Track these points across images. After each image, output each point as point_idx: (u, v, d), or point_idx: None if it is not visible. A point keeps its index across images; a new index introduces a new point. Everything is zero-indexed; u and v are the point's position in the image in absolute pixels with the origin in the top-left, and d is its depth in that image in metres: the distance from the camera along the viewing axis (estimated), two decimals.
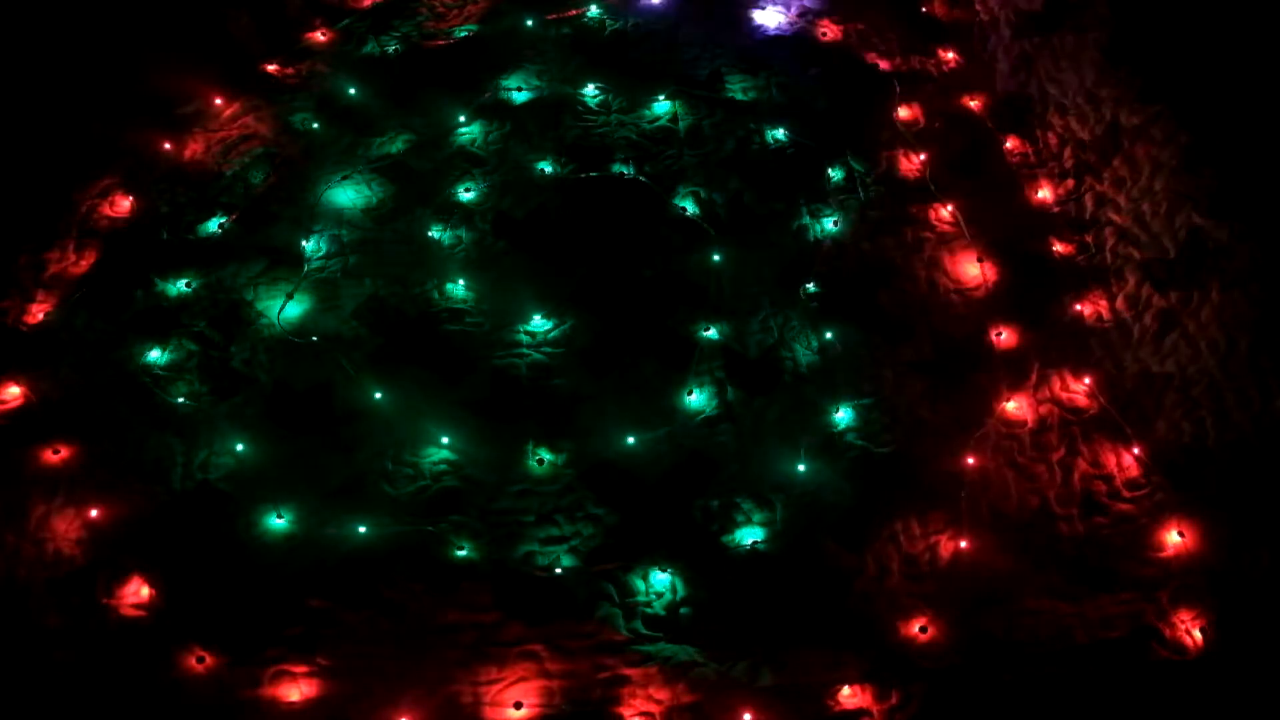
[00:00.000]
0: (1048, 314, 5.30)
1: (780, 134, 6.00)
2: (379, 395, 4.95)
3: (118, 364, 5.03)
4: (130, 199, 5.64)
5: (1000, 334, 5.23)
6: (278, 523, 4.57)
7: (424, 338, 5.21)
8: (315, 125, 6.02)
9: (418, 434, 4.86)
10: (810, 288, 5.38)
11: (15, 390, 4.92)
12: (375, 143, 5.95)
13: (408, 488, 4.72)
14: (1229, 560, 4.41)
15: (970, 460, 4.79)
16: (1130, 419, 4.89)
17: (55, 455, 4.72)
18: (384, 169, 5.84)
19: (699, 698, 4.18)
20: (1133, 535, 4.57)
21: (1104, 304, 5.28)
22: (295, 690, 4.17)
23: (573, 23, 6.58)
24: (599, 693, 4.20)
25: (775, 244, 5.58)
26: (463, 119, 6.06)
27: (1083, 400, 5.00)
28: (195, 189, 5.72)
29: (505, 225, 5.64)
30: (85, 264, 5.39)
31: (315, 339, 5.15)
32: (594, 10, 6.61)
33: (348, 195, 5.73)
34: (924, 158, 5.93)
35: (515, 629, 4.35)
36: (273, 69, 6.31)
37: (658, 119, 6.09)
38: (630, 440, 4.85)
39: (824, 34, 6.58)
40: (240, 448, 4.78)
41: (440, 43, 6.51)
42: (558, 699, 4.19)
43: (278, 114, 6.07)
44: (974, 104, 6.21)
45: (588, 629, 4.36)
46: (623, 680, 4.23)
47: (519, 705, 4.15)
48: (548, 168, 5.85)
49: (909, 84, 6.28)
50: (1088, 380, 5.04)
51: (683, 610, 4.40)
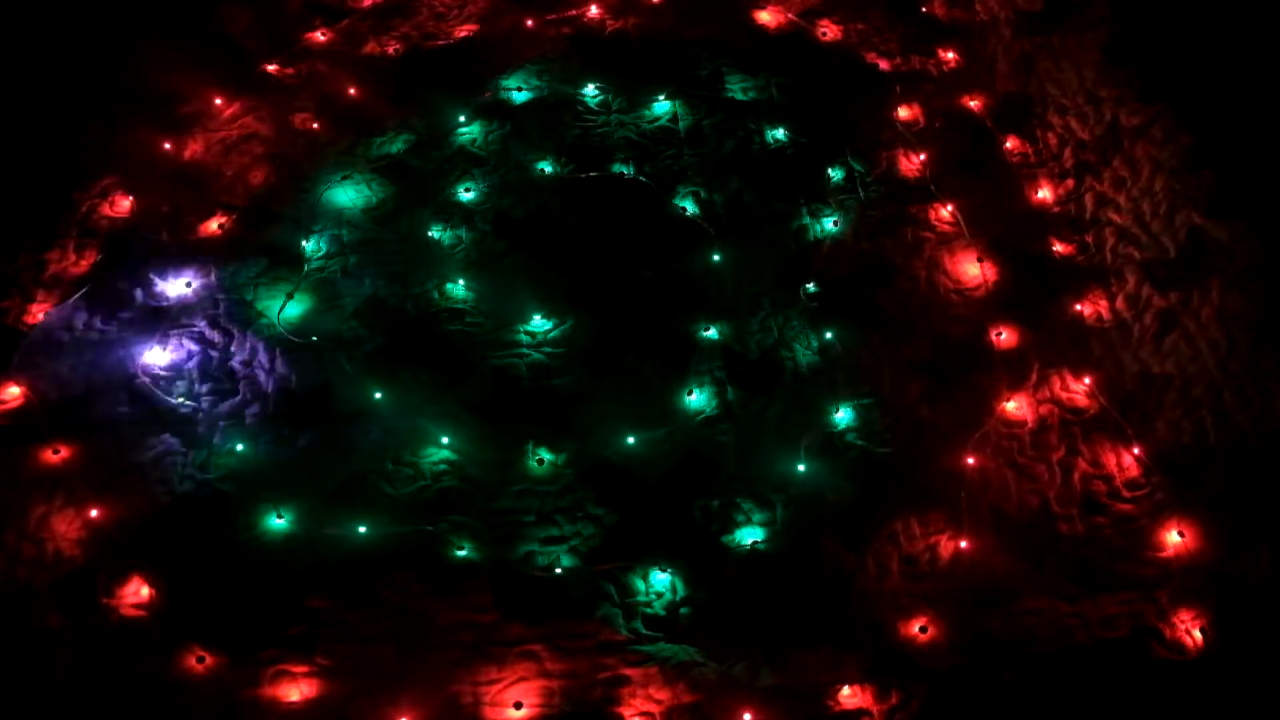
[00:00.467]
0: (1048, 314, 5.30)
1: (780, 134, 6.00)
2: (379, 395, 4.95)
3: (118, 364, 5.04)
4: (130, 199, 5.64)
5: (1000, 334, 5.23)
6: (278, 523, 4.57)
7: (424, 338, 5.21)
8: (315, 125, 6.03)
9: (418, 434, 4.85)
10: (810, 288, 5.38)
11: (15, 390, 4.92)
12: (375, 143, 5.96)
13: (408, 488, 4.72)
14: (1229, 560, 4.41)
15: (970, 460, 4.79)
16: (1130, 419, 4.89)
17: (55, 455, 4.72)
18: (384, 169, 5.84)
19: (699, 698, 4.17)
20: (1133, 535, 4.57)
21: (1104, 304, 5.28)
22: (295, 690, 4.17)
23: (573, 23, 6.59)
24: (599, 693, 4.20)
25: (775, 244, 5.58)
26: (463, 119, 6.06)
27: (1083, 400, 5.00)
28: (195, 189, 5.72)
29: (505, 225, 5.64)
30: (85, 264, 5.39)
31: (315, 339, 5.16)
32: (594, 10, 6.62)
33: (348, 195, 5.73)
34: (924, 158, 5.93)
35: (515, 629, 4.35)
36: (273, 69, 6.32)
37: (658, 119, 6.09)
38: (630, 440, 4.85)
39: (824, 34, 6.59)
40: (240, 448, 4.78)
41: (440, 43, 6.51)
42: (558, 699, 4.19)
43: (278, 114, 6.07)
44: (974, 104, 6.21)
45: (588, 629, 4.36)
46: (623, 680, 4.23)
47: (519, 705, 4.15)
48: (548, 168, 5.85)
49: (909, 84, 6.29)
50: (1088, 380, 5.04)
51: (683, 610, 4.40)
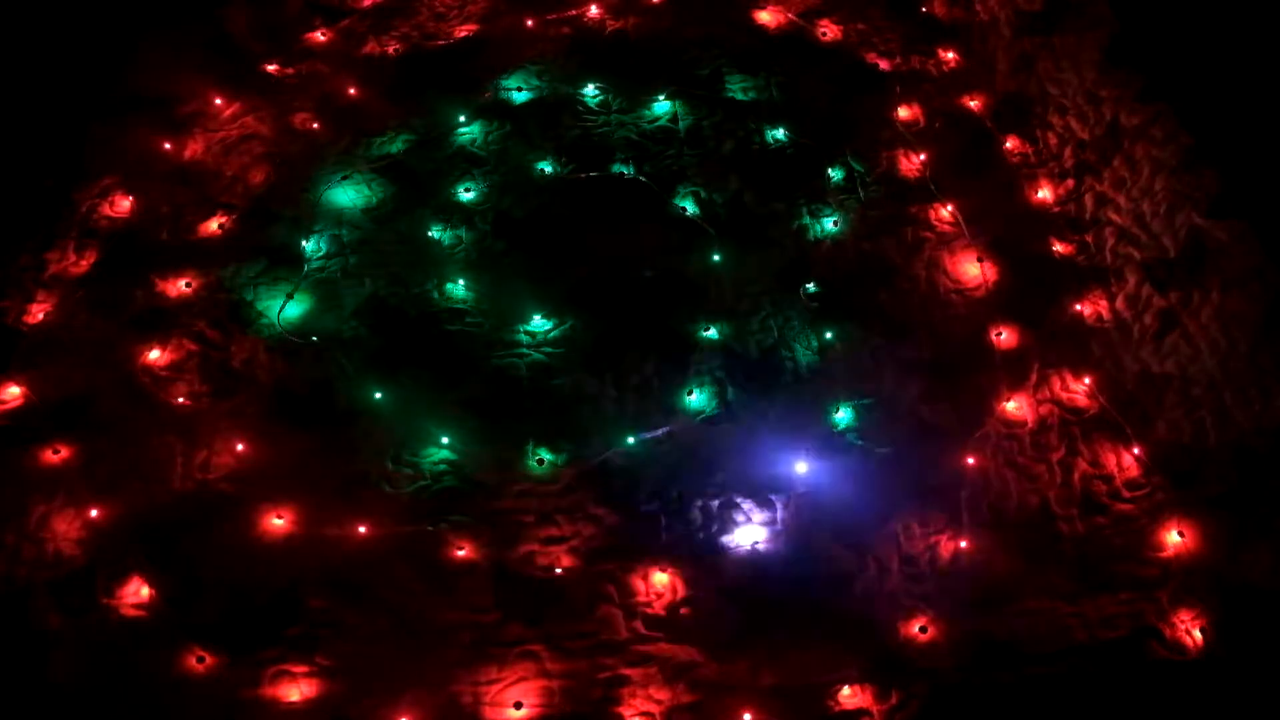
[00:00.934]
0: (1048, 314, 5.30)
1: (780, 134, 6.00)
2: (379, 395, 4.95)
3: (118, 364, 5.03)
4: (130, 199, 5.64)
5: (1000, 334, 5.23)
6: (277, 522, 4.57)
7: (424, 338, 5.21)
8: (315, 125, 6.03)
9: (418, 434, 4.86)
10: (810, 288, 5.38)
11: (15, 390, 4.92)
12: (375, 143, 5.96)
13: (408, 488, 4.72)
14: (1229, 560, 4.41)
15: (970, 460, 4.78)
16: (1130, 419, 4.88)
17: (55, 455, 4.72)
18: (384, 169, 5.84)
19: (699, 698, 4.17)
20: (1133, 535, 4.57)
21: (1104, 304, 5.28)
22: (295, 690, 4.17)
23: (573, 23, 6.59)
24: (599, 693, 4.20)
25: (775, 244, 5.58)
26: (463, 119, 6.06)
27: (1083, 400, 5.00)
28: (195, 189, 5.72)
29: (505, 225, 5.64)
30: (85, 264, 5.39)
31: (315, 339, 5.15)
32: (594, 10, 6.62)
33: (348, 195, 5.73)
34: (924, 158, 5.93)
35: (515, 629, 4.35)
36: (273, 69, 6.32)
37: (658, 119, 6.09)
38: (630, 440, 4.85)
39: (824, 34, 6.59)
40: (240, 448, 4.78)
41: (440, 43, 6.51)
42: (558, 699, 4.19)
43: (278, 114, 6.07)
44: (974, 104, 6.21)
45: (588, 629, 4.36)
46: (623, 680, 4.22)
47: (519, 705, 4.14)
48: (548, 168, 5.85)
49: (909, 84, 6.29)
50: (1088, 380, 5.04)
51: (683, 610, 4.40)
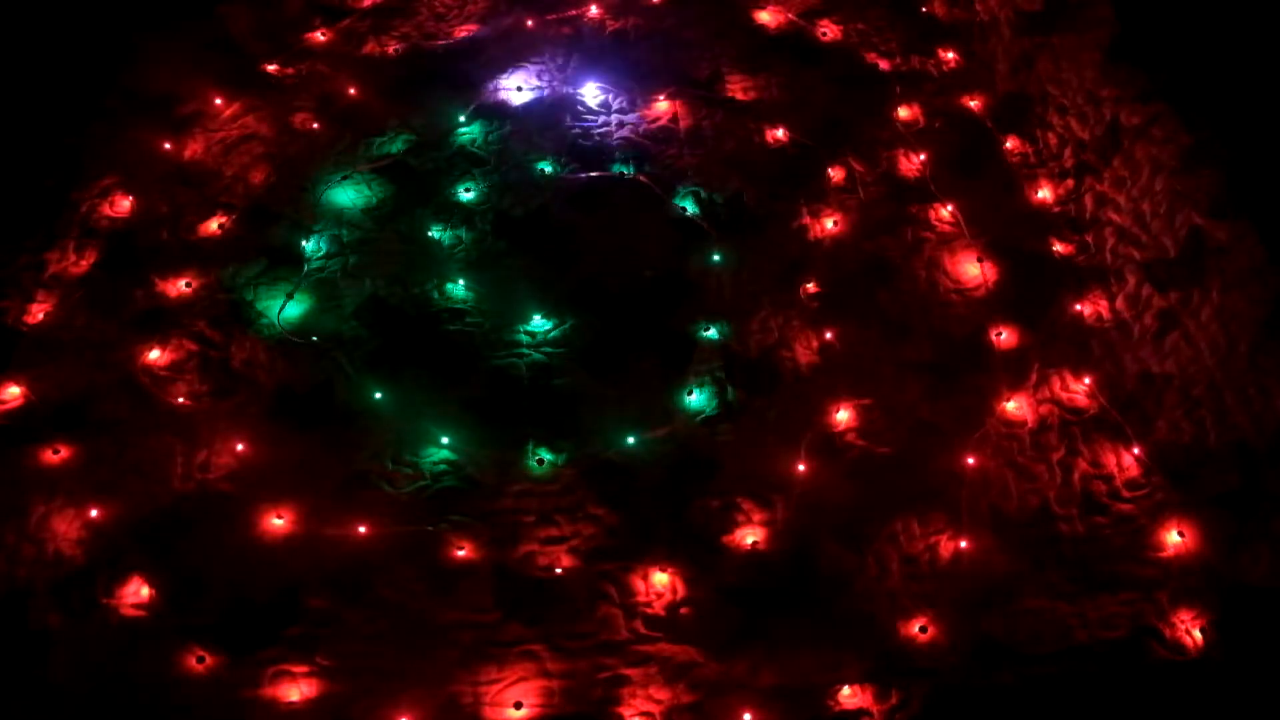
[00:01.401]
0: (1048, 314, 5.30)
1: (780, 134, 6.00)
2: (379, 395, 4.95)
3: (118, 364, 5.03)
4: (130, 199, 5.64)
5: (1000, 334, 5.23)
6: (277, 522, 4.57)
7: (424, 338, 5.21)
8: (315, 125, 6.03)
9: (418, 434, 4.86)
10: (810, 288, 5.38)
11: (15, 390, 4.92)
12: (375, 143, 5.96)
13: (408, 488, 4.72)
14: (1229, 560, 4.41)
15: (970, 460, 4.78)
16: (1130, 419, 4.88)
17: (55, 455, 4.72)
18: (384, 169, 5.84)
19: (699, 698, 4.17)
20: (1133, 535, 4.57)
21: (1104, 304, 5.28)
22: (295, 690, 4.17)
23: (573, 23, 6.59)
24: (599, 693, 4.20)
25: (775, 244, 5.58)
26: (463, 119, 6.06)
27: (1083, 400, 5.00)
28: (195, 189, 5.72)
29: (505, 225, 5.64)
30: (85, 264, 5.39)
31: (315, 339, 5.15)
32: (594, 10, 6.61)
33: (348, 195, 5.73)
34: (924, 158, 5.93)
35: (515, 629, 4.35)
36: (273, 69, 6.31)
37: (658, 119, 6.09)
38: (630, 440, 4.85)
39: (824, 34, 6.59)
40: (240, 448, 4.78)
41: (440, 43, 6.51)
42: (558, 699, 4.19)
43: (278, 114, 6.07)
44: (974, 104, 6.21)
45: (588, 629, 4.36)
46: (623, 680, 4.23)
47: (519, 705, 4.14)
48: (548, 168, 5.85)
49: (909, 84, 6.29)
50: (1088, 380, 5.04)
51: (683, 610, 4.40)
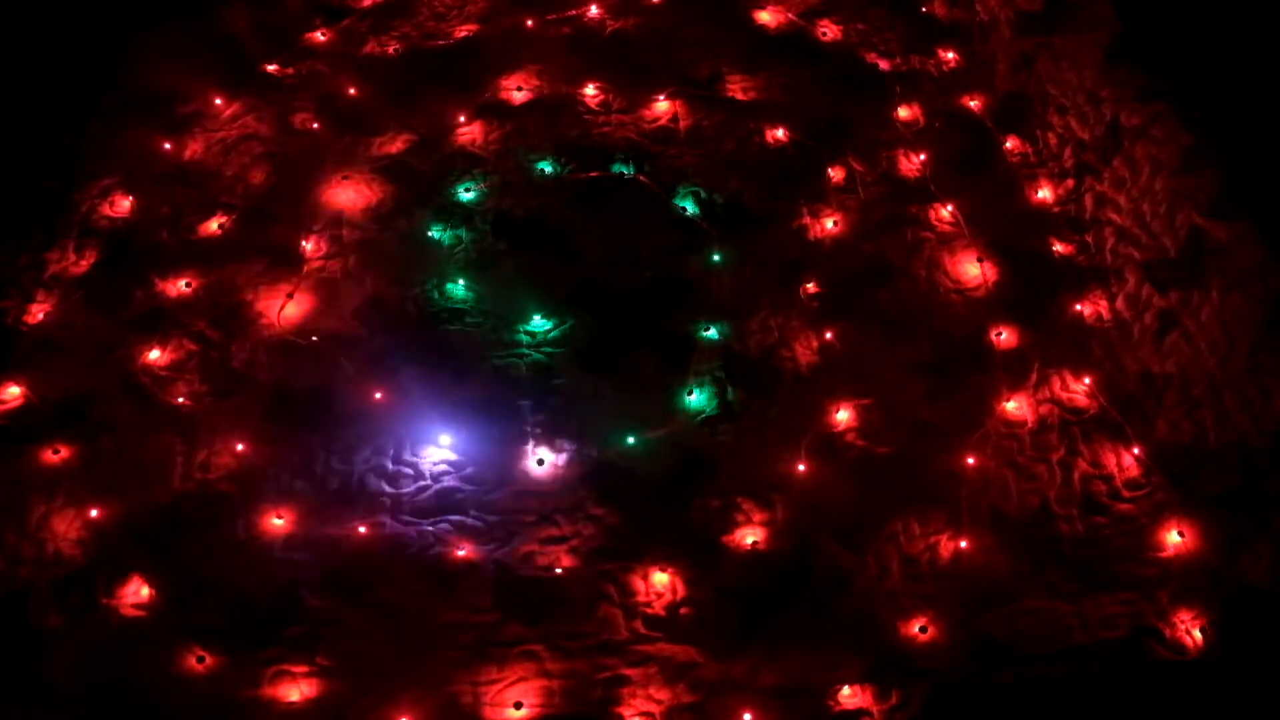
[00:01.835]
0: (1048, 314, 5.30)
1: (780, 134, 6.00)
2: (379, 395, 4.95)
3: (118, 364, 5.03)
4: (130, 199, 5.64)
5: (1000, 334, 5.23)
6: (277, 522, 4.57)
7: (424, 338, 5.21)
8: (315, 125, 6.03)
9: (418, 434, 4.86)
10: (810, 288, 5.38)
11: (15, 390, 4.92)
12: (375, 143, 5.96)
13: (408, 488, 4.72)
14: (1229, 560, 4.41)
15: (970, 460, 4.78)
16: (1130, 419, 4.88)
17: (55, 455, 4.72)
18: (384, 169, 5.84)
19: (699, 698, 4.18)
20: (1133, 535, 4.57)
21: (1104, 304, 5.28)
22: (295, 690, 4.17)
23: (573, 23, 6.59)
24: (599, 693, 4.20)
25: (775, 244, 5.58)
26: (463, 119, 6.06)
27: (1083, 400, 5.00)
28: (195, 189, 5.72)
29: (505, 225, 5.64)
30: (85, 264, 5.39)
31: (315, 339, 5.15)
32: (594, 10, 6.61)
33: (348, 195, 5.73)
34: (924, 158, 5.93)
35: (515, 629, 4.35)
36: (273, 69, 6.31)
37: (658, 119, 6.09)
38: (630, 440, 4.85)
39: (824, 34, 6.59)
40: (240, 448, 4.78)
41: (440, 43, 6.51)
42: (558, 699, 4.19)
43: (278, 114, 6.07)
44: (974, 104, 6.21)
45: (588, 629, 4.36)
46: (623, 680, 4.23)
47: (519, 705, 4.14)
48: (548, 168, 5.85)
49: (909, 84, 6.28)
50: (1088, 380, 5.04)
51: (683, 610, 4.40)
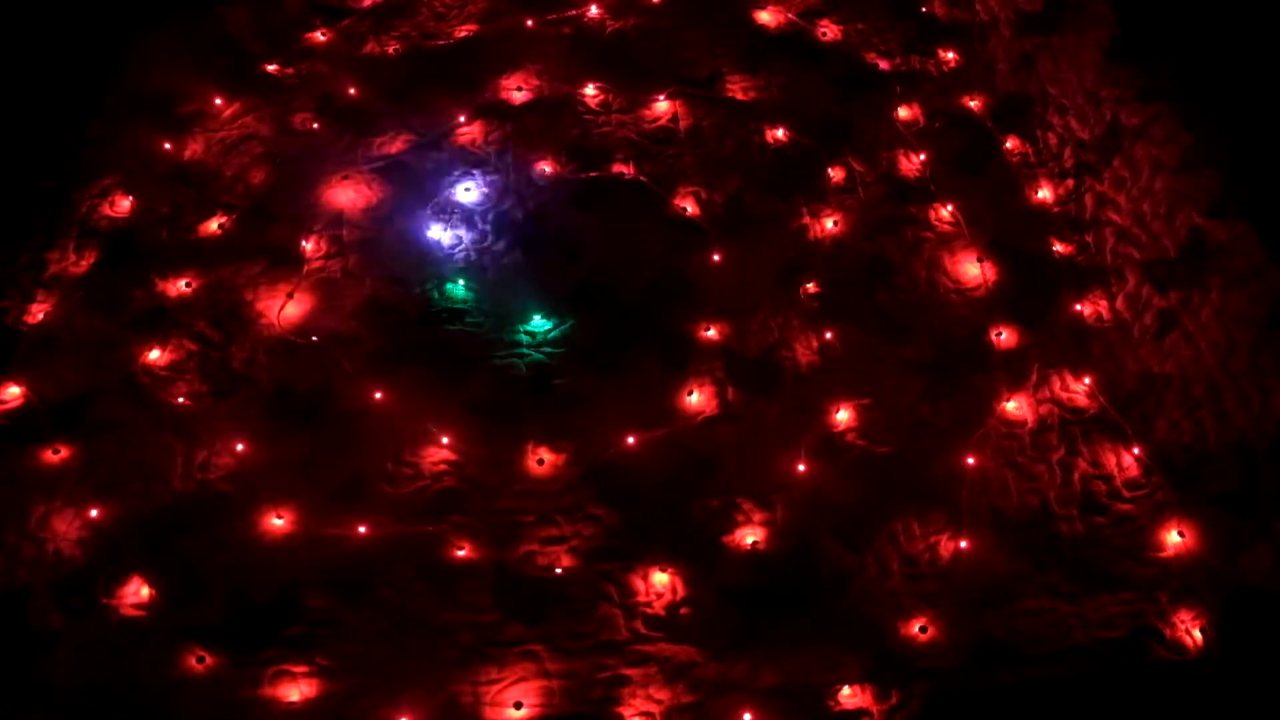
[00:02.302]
0: (1048, 314, 5.30)
1: (780, 134, 6.00)
2: (379, 395, 4.95)
3: (118, 364, 5.03)
4: (130, 199, 5.64)
5: (1000, 334, 5.23)
6: (277, 522, 4.57)
7: (424, 338, 5.21)
8: (315, 125, 6.03)
9: (418, 434, 4.86)
10: (810, 288, 5.38)
11: (15, 390, 4.92)
12: (375, 143, 5.96)
13: (408, 488, 4.72)
14: (1229, 560, 4.41)
15: (970, 460, 4.78)
16: (1130, 419, 4.89)
17: (55, 455, 4.72)
18: (384, 169, 5.84)
19: (699, 698, 4.18)
20: (1133, 535, 4.57)
21: (1104, 304, 5.28)
22: (295, 690, 4.17)
23: (573, 23, 6.59)
24: (599, 693, 4.20)
25: (775, 244, 5.58)
26: (463, 119, 6.06)
27: (1083, 400, 5.00)
28: (195, 189, 5.72)
29: (505, 225, 5.65)
30: (85, 264, 5.39)
31: (315, 339, 5.16)
32: (594, 10, 6.61)
33: (348, 195, 5.73)
34: (924, 158, 5.93)
35: (515, 629, 4.35)
36: (273, 69, 6.31)
37: (658, 119, 6.09)
38: (630, 440, 4.85)
39: (824, 34, 6.59)
40: (240, 448, 4.78)
41: (440, 43, 6.51)
42: (558, 699, 4.19)
43: (278, 114, 6.07)
44: (974, 104, 6.21)
45: (588, 629, 4.36)
46: (623, 680, 4.23)
47: (519, 705, 4.15)
48: (548, 168, 5.85)
49: (909, 84, 6.28)
50: (1088, 380, 5.04)
51: (683, 610, 4.40)
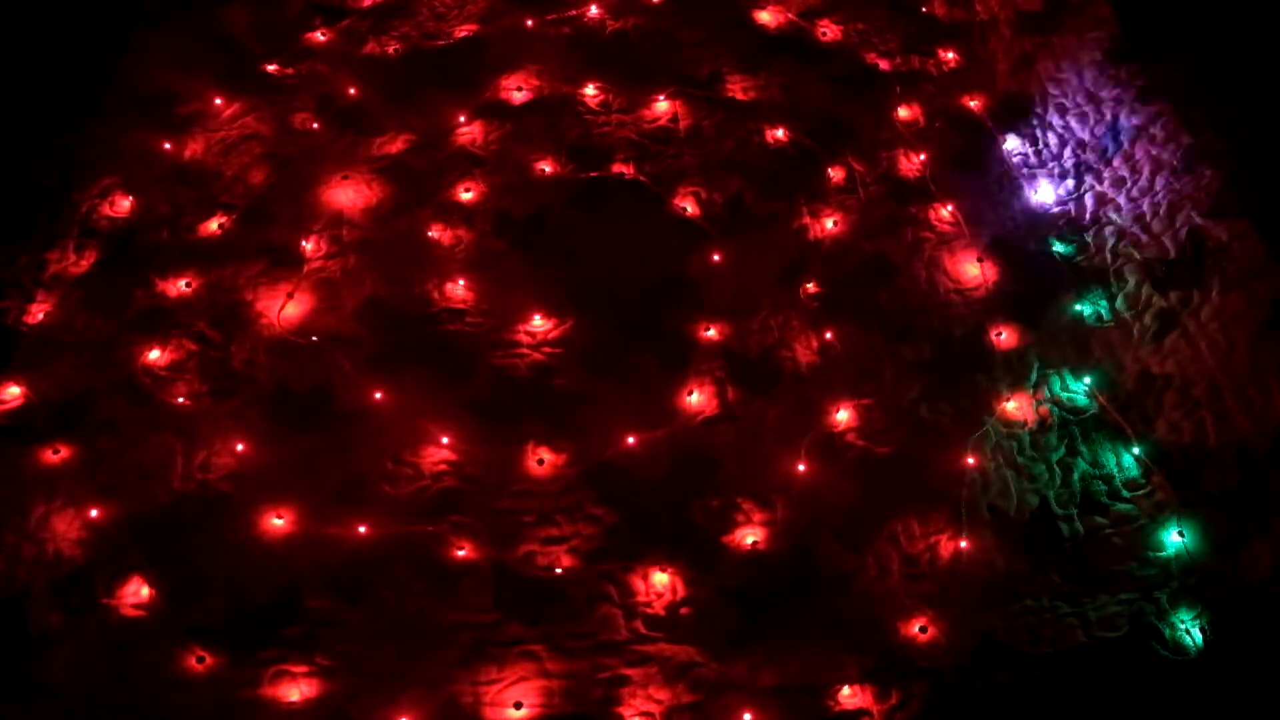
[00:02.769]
0: (1048, 314, 5.30)
1: (780, 134, 6.00)
2: (379, 395, 4.95)
3: (118, 364, 5.03)
4: (130, 199, 5.64)
5: (1000, 334, 5.23)
6: (277, 522, 4.57)
7: (424, 338, 5.21)
8: (315, 125, 6.03)
9: (418, 434, 4.86)
10: (810, 288, 5.38)
11: (15, 390, 4.93)
12: (375, 143, 5.96)
13: (408, 488, 4.72)
14: (1229, 560, 4.41)
15: (970, 460, 4.79)
16: (1130, 419, 4.89)
17: (55, 455, 4.72)
18: (384, 169, 5.84)
19: (699, 698, 4.18)
20: (1133, 535, 4.57)
21: (1104, 304, 5.28)
22: (295, 690, 4.17)
23: (573, 23, 6.59)
24: (599, 693, 4.20)
25: (775, 244, 5.58)
26: (463, 119, 6.06)
27: (1083, 400, 5.00)
28: (195, 189, 5.72)
29: (505, 225, 5.65)
30: (85, 264, 5.39)
31: (315, 339, 5.16)
32: (594, 10, 6.61)
33: (348, 195, 5.73)
34: (924, 158, 5.93)
35: (515, 629, 4.35)
36: (273, 69, 6.31)
37: (658, 119, 6.09)
38: (630, 440, 4.85)
39: (824, 34, 6.59)
40: (240, 448, 4.78)
41: (440, 43, 6.51)
42: (558, 699, 4.19)
43: (278, 114, 6.07)
44: (974, 104, 6.21)
45: (588, 629, 4.36)
46: (623, 680, 4.23)
47: (519, 705, 4.15)
48: (547, 168, 5.85)
49: (909, 84, 6.28)
50: (1088, 380, 5.04)
51: (683, 610, 4.40)
